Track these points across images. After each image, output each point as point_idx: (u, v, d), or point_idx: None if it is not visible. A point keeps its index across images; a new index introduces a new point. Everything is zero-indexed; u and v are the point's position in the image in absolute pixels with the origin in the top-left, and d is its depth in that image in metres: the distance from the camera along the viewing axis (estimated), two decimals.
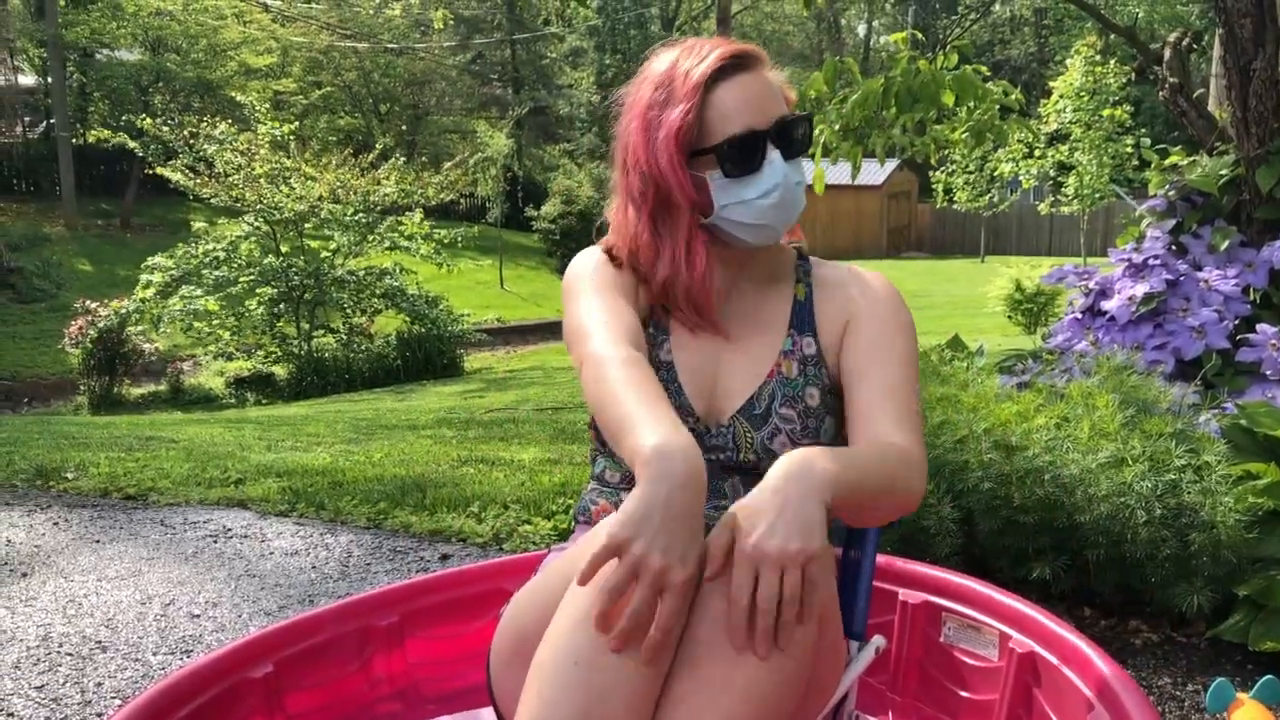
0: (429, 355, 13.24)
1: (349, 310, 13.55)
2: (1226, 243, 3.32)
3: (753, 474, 1.45)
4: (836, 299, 1.53)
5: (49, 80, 24.72)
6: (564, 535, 3.15)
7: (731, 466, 1.47)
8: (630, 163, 1.50)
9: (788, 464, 1.18)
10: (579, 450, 4.65)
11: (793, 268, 1.57)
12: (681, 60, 1.45)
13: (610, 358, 1.32)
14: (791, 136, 1.43)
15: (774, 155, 1.41)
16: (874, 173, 26.87)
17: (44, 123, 26.81)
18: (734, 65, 1.43)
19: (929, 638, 1.86)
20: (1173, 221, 3.54)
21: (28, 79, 28.22)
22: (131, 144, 13.71)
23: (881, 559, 1.90)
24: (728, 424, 1.46)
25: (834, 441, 1.50)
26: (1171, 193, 3.57)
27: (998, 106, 3.65)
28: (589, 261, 1.54)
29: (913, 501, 1.33)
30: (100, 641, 2.44)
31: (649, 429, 1.18)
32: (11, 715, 2.04)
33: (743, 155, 1.41)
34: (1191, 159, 3.61)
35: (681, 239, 1.46)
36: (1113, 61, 17.32)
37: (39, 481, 4.20)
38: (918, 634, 1.87)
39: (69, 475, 4.24)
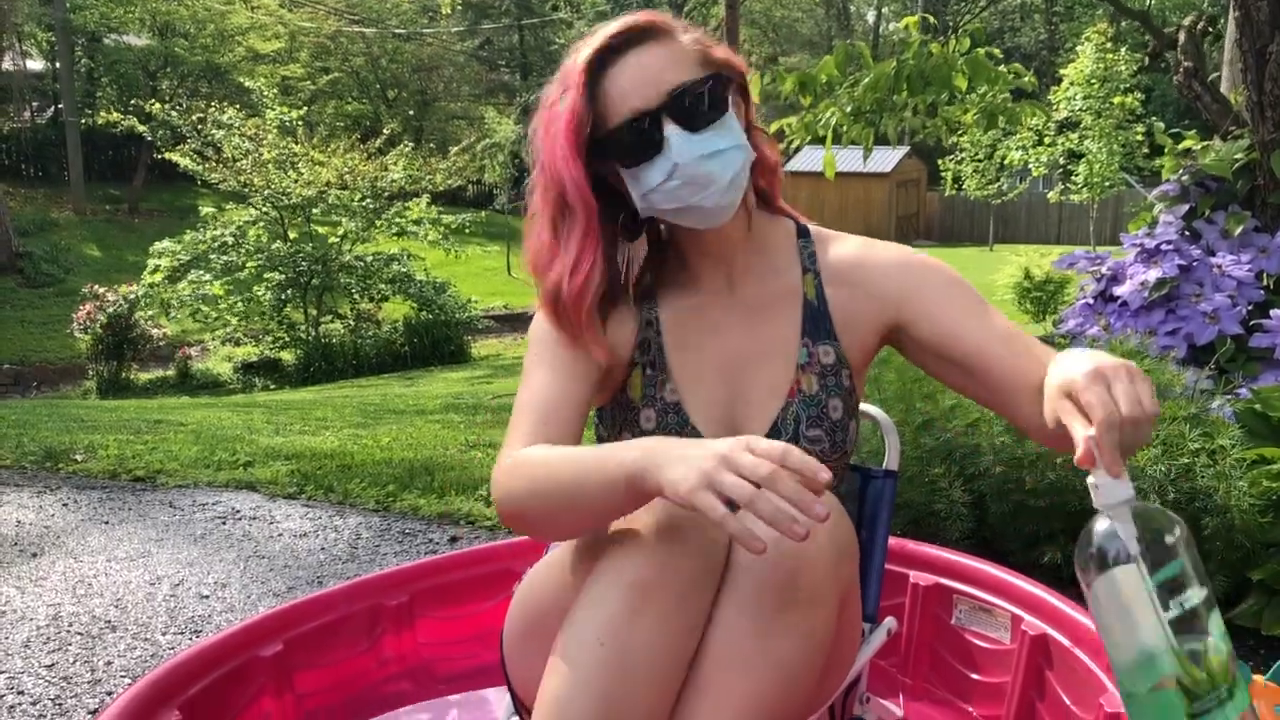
0: (436, 341, 13.26)
1: (356, 296, 13.56)
2: (1240, 228, 3.29)
3: None
4: (859, 298, 1.39)
5: (57, 65, 24.73)
6: None
7: None
8: (536, 162, 1.34)
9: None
10: (586, 437, 4.64)
11: (795, 253, 1.42)
12: (577, 47, 1.32)
13: (521, 458, 1.22)
14: (694, 105, 1.25)
15: (671, 131, 1.24)
16: (882, 160, 26.78)
17: (52, 108, 26.82)
18: (625, 42, 1.28)
19: (940, 620, 1.85)
20: (1186, 207, 3.52)
21: (36, 64, 28.20)
22: (140, 128, 13.71)
23: (893, 541, 1.89)
24: None
25: (854, 444, 1.44)
26: (1185, 178, 3.54)
27: (1010, 89, 3.63)
28: (537, 328, 1.39)
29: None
30: (110, 621, 2.44)
31: (614, 451, 1.10)
32: (22, 693, 2.05)
33: (634, 141, 1.26)
34: (1205, 144, 3.59)
35: (574, 243, 1.30)
36: (1124, 49, 17.23)
37: (48, 463, 4.21)
38: (929, 616, 1.86)
39: (78, 457, 4.24)
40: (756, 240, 1.41)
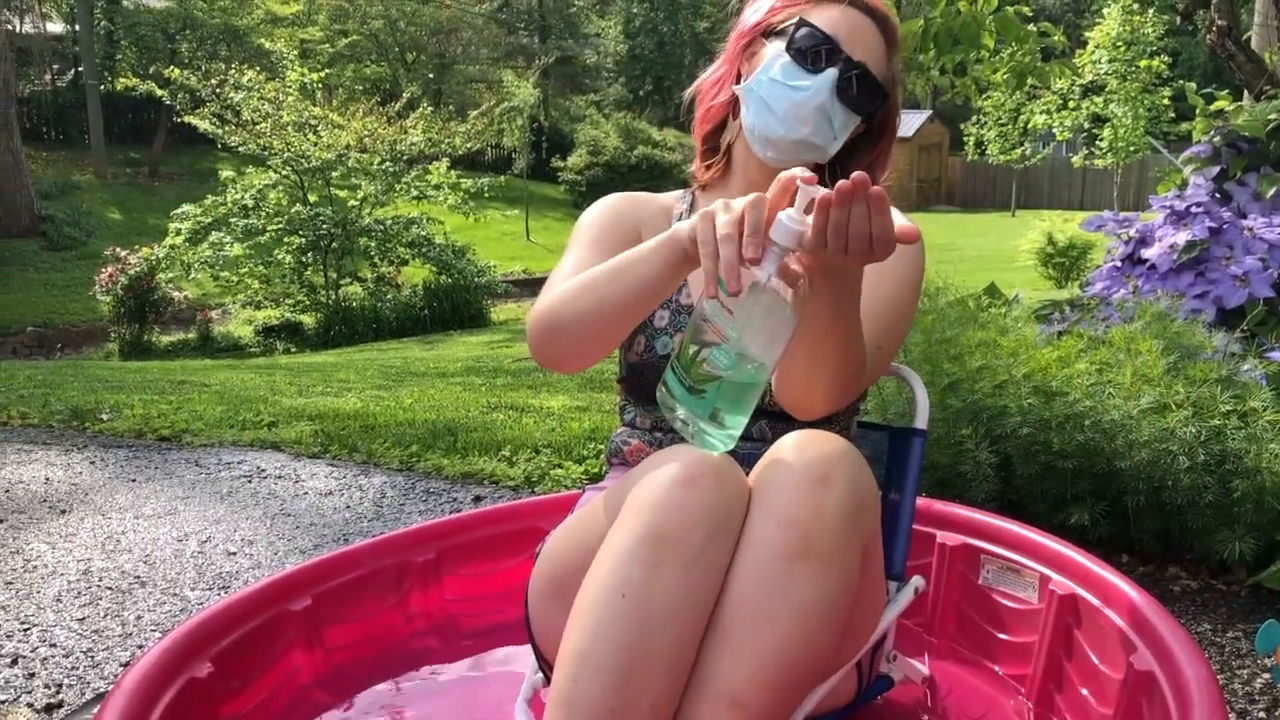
0: (456, 305, 13.28)
1: (376, 260, 13.57)
2: (1273, 190, 3.25)
3: (780, 418, 1.44)
4: None
5: (77, 28, 24.71)
6: (595, 478, 3.15)
7: (758, 410, 1.46)
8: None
9: None
10: (607, 398, 4.65)
11: None
12: None
13: (561, 280, 1.39)
14: (856, 83, 1.40)
15: (826, 69, 1.40)
16: (904, 124, 26.46)
17: (72, 71, 26.84)
18: (868, 10, 1.44)
19: (967, 580, 1.85)
20: (1217, 168, 3.47)
21: (55, 27, 28.20)
22: (159, 92, 13.70)
23: (920, 501, 1.88)
24: None
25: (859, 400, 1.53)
26: (1216, 138, 3.49)
27: (1039, 49, 3.58)
28: (592, 212, 1.58)
29: (807, 401, 1.31)
30: (139, 576, 2.47)
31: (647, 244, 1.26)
32: (54, 645, 2.07)
33: (806, 41, 1.41)
34: (1238, 104, 3.53)
35: (727, 77, 1.52)
36: (1151, 11, 16.98)
37: (75, 423, 4.25)
38: (956, 576, 1.86)
39: (104, 417, 4.28)
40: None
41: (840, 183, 1.05)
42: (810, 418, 1.34)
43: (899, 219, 1.10)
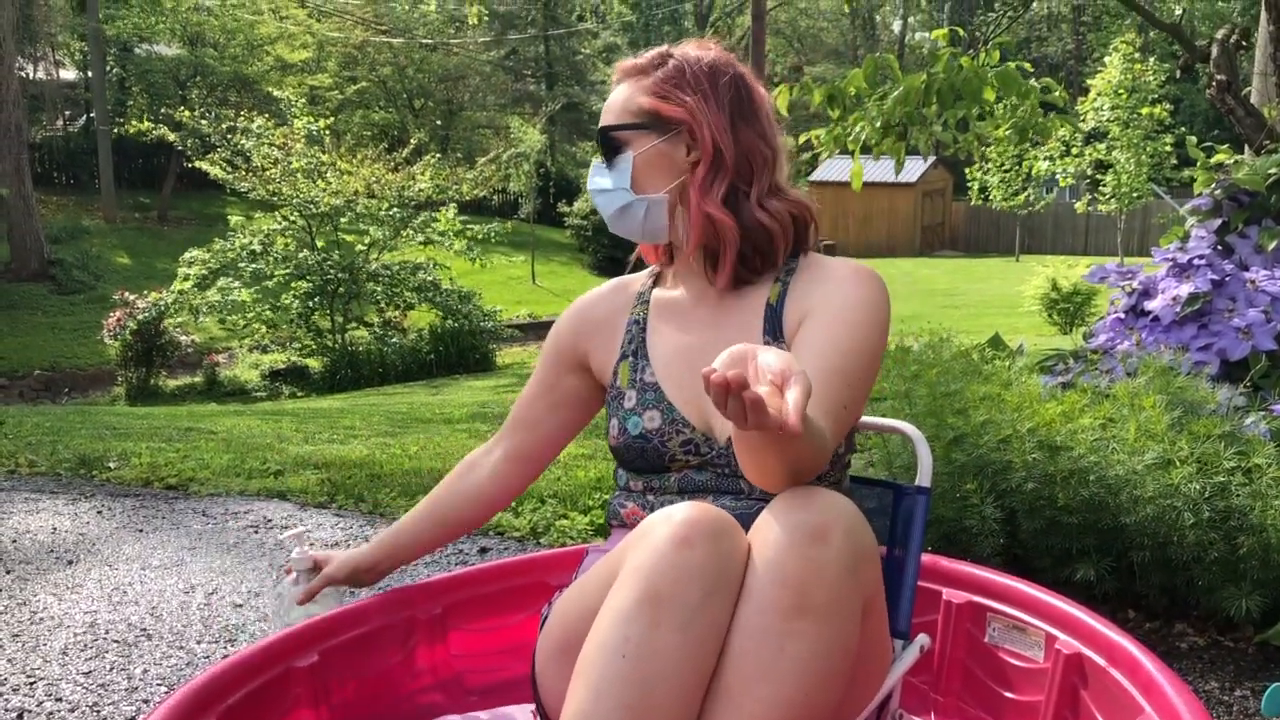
0: (461, 350, 13.32)
1: (383, 304, 13.64)
2: (1275, 243, 3.27)
3: None
4: (798, 295, 1.49)
5: (89, 74, 25.04)
6: (600, 530, 3.15)
7: (736, 474, 1.47)
8: None
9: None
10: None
11: (778, 270, 1.52)
12: None
13: (518, 405, 1.73)
14: (604, 143, 1.53)
15: (595, 159, 1.55)
16: (908, 170, 26.75)
17: (84, 116, 27.16)
18: (621, 76, 1.56)
19: (973, 638, 1.85)
20: (1219, 221, 3.50)
21: (69, 73, 28.60)
22: (170, 136, 13.85)
23: (926, 558, 1.89)
24: (726, 445, 1.45)
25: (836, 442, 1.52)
26: (1218, 191, 3.52)
27: (1040, 103, 3.62)
28: (553, 329, 1.72)
29: (802, 478, 1.27)
30: (145, 629, 2.47)
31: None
32: (60, 700, 2.07)
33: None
34: (1238, 157, 3.57)
35: None
36: (1152, 59, 17.14)
37: (82, 471, 4.26)
38: (962, 634, 1.86)
39: (111, 465, 4.29)
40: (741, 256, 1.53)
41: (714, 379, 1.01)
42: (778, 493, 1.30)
43: (795, 399, 1.03)
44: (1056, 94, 3.57)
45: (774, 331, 1.48)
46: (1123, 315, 3.45)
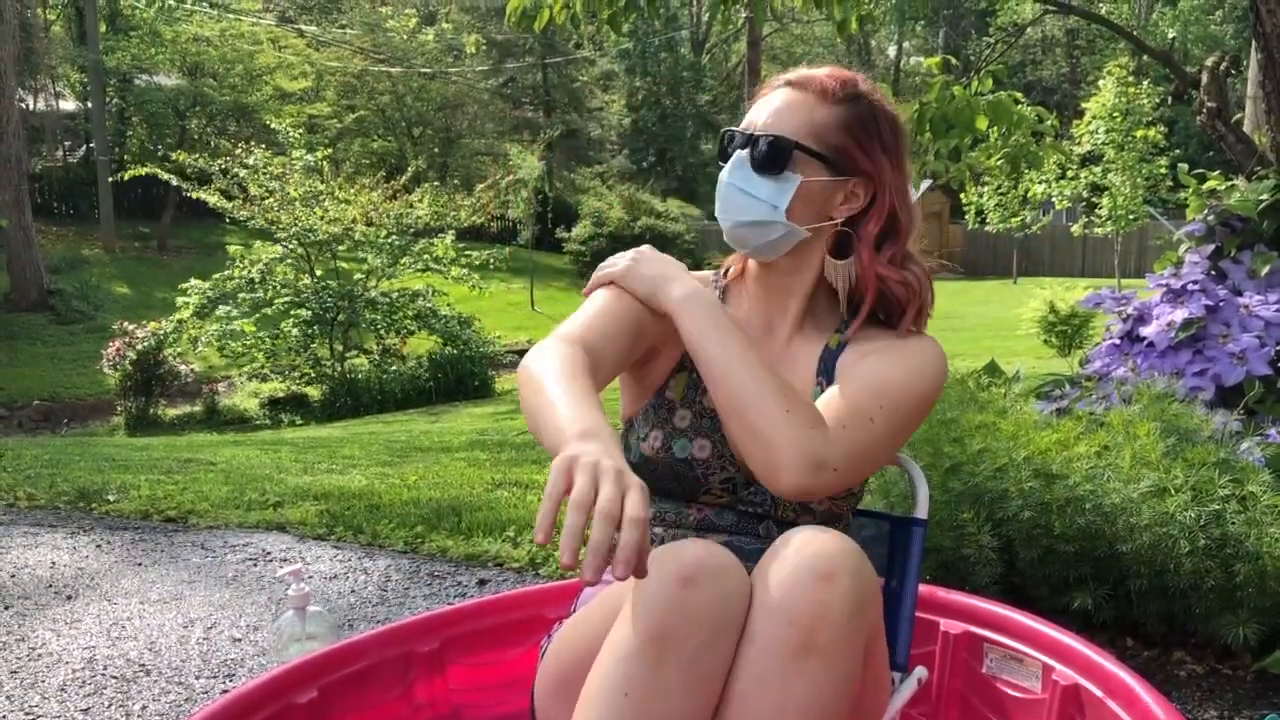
0: (461, 376, 13.31)
1: (382, 331, 13.65)
2: (1267, 268, 3.29)
3: (786, 523, 1.46)
4: (861, 349, 1.48)
5: (89, 105, 25.15)
6: None
7: (765, 515, 1.48)
8: None
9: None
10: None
11: (837, 320, 1.52)
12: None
13: (536, 361, 1.34)
14: (764, 147, 1.43)
15: (737, 152, 1.46)
16: None
17: (83, 147, 27.27)
18: (788, 84, 1.49)
19: (971, 668, 1.85)
20: (1212, 247, 3.52)
21: (68, 104, 28.73)
22: (165, 176, 13.89)
23: (923, 589, 1.89)
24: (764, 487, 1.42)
25: (862, 485, 1.55)
26: (1210, 217, 3.54)
27: (1032, 131, 3.64)
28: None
29: (769, 466, 1.29)
30: (144, 665, 2.47)
31: (563, 422, 1.17)
32: None
33: (725, 142, 1.50)
34: (1230, 183, 3.59)
35: None
36: (1146, 82, 17.25)
37: (81, 503, 4.26)
38: (959, 665, 1.86)
39: (110, 498, 4.29)
40: (818, 303, 1.52)
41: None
42: (789, 489, 1.31)
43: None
44: (1048, 123, 3.60)
45: (828, 375, 1.47)
46: (1118, 341, 3.46)
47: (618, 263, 1.51)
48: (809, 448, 1.29)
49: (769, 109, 1.46)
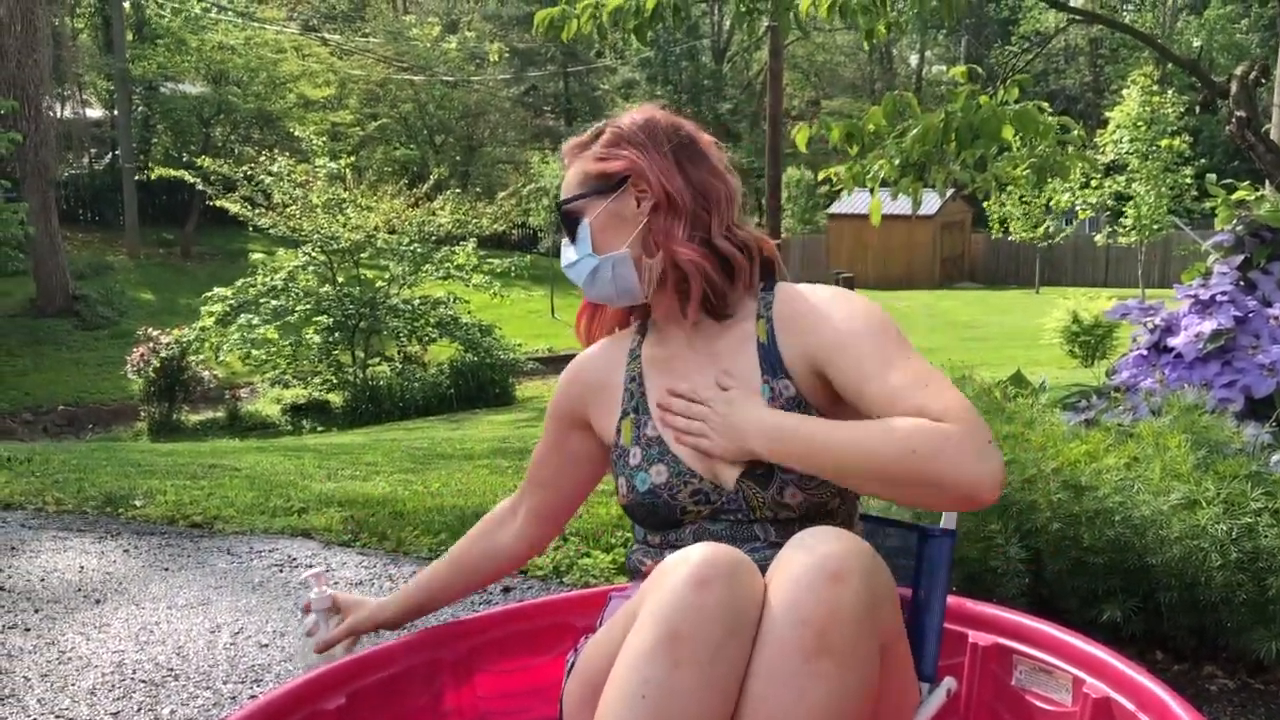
0: (481, 384, 13.36)
1: (403, 339, 13.71)
2: None
3: (775, 521, 1.46)
4: (790, 331, 1.48)
5: (115, 113, 25.41)
6: (623, 569, 3.15)
7: (750, 521, 1.48)
8: None
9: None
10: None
11: (754, 304, 1.53)
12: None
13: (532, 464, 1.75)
14: (563, 222, 1.57)
15: (562, 237, 1.60)
16: (927, 202, 26.73)
17: (109, 154, 27.55)
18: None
19: (1000, 681, 1.84)
20: (1241, 257, 3.49)
21: (94, 112, 29.03)
22: (190, 179, 14.01)
23: (951, 600, 1.88)
24: (735, 491, 1.46)
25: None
26: (1239, 228, 3.52)
27: (1059, 141, 3.63)
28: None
29: (959, 477, 1.26)
30: (172, 669, 2.49)
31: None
32: None
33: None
34: (1259, 194, 3.57)
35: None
36: (1170, 91, 17.15)
37: (108, 508, 4.29)
38: (988, 677, 1.85)
39: (137, 503, 4.32)
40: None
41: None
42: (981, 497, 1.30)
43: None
44: (1074, 133, 3.58)
45: (773, 370, 1.47)
46: (1145, 352, 3.44)
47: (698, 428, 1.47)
48: (959, 443, 1.28)
49: (561, 190, 1.60)
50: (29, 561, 3.47)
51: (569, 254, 1.56)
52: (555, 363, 17.39)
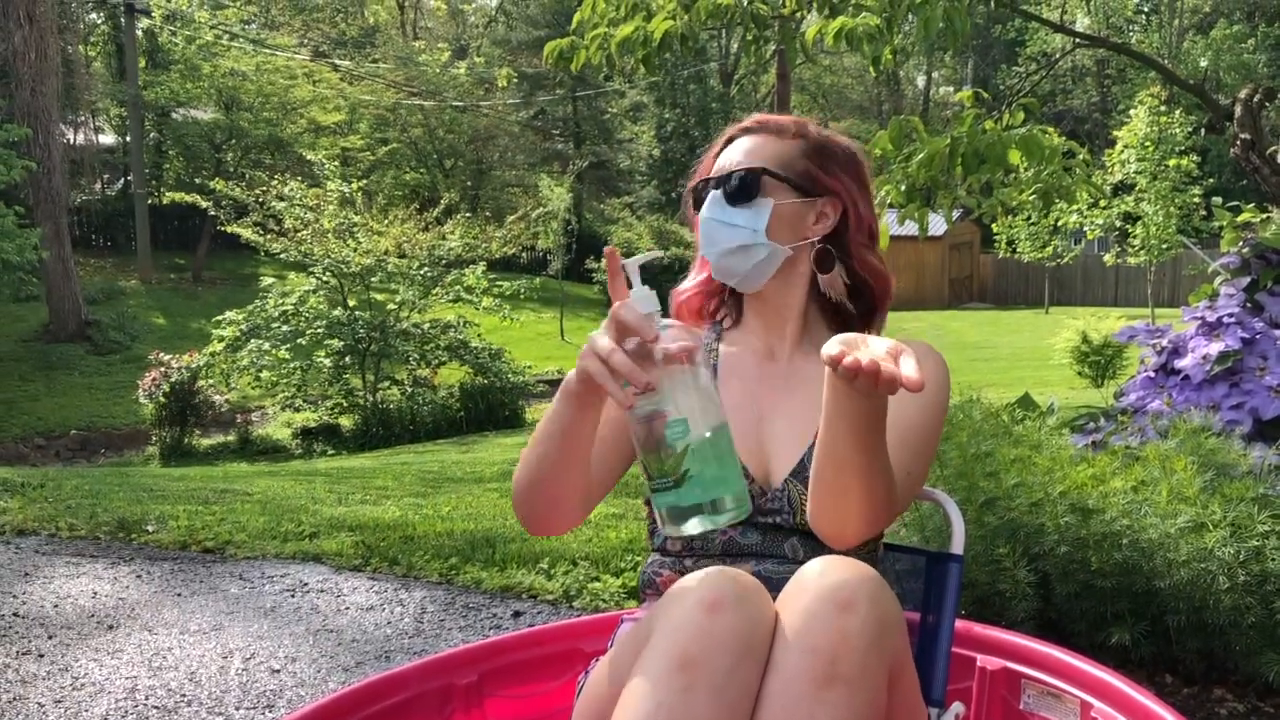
0: (491, 406, 13.37)
1: (414, 362, 13.74)
2: None
3: (810, 536, 1.48)
4: None
5: (128, 139, 25.59)
6: (633, 593, 3.16)
7: (790, 529, 1.50)
8: None
9: None
10: (643, 505, 4.67)
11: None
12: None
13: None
14: (733, 182, 1.55)
15: (711, 193, 1.57)
16: (936, 223, 26.75)
17: (121, 180, 27.73)
18: (743, 131, 1.63)
19: (1008, 705, 1.84)
20: (1247, 279, 3.50)
21: (107, 138, 29.26)
22: (204, 203, 14.10)
23: (959, 624, 1.89)
24: (781, 488, 1.48)
25: None
26: (1246, 249, 3.53)
27: (1064, 167, 3.64)
28: None
29: (853, 534, 1.36)
30: (185, 695, 2.50)
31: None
32: None
33: (699, 192, 1.61)
34: (1265, 215, 3.58)
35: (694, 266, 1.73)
36: (1178, 111, 17.15)
37: (121, 534, 4.31)
38: (997, 701, 1.86)
39: (149, 528, 4.35)
40: (812, 322, 1.62)
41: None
42: (844, 545, 1.39)
43: (910, 365, 1.16)
44: (1080, 157, 3.60)
45: None
46: (1153, 374, 3.44)
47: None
48: (879, 516, 1.36)
49: (733, 153, 1.59)
50: (42, 587, 3.49)
51: (731, 215, 1.55)
52: None
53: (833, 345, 1.18)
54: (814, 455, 1.35)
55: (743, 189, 1.55)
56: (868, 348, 1.19)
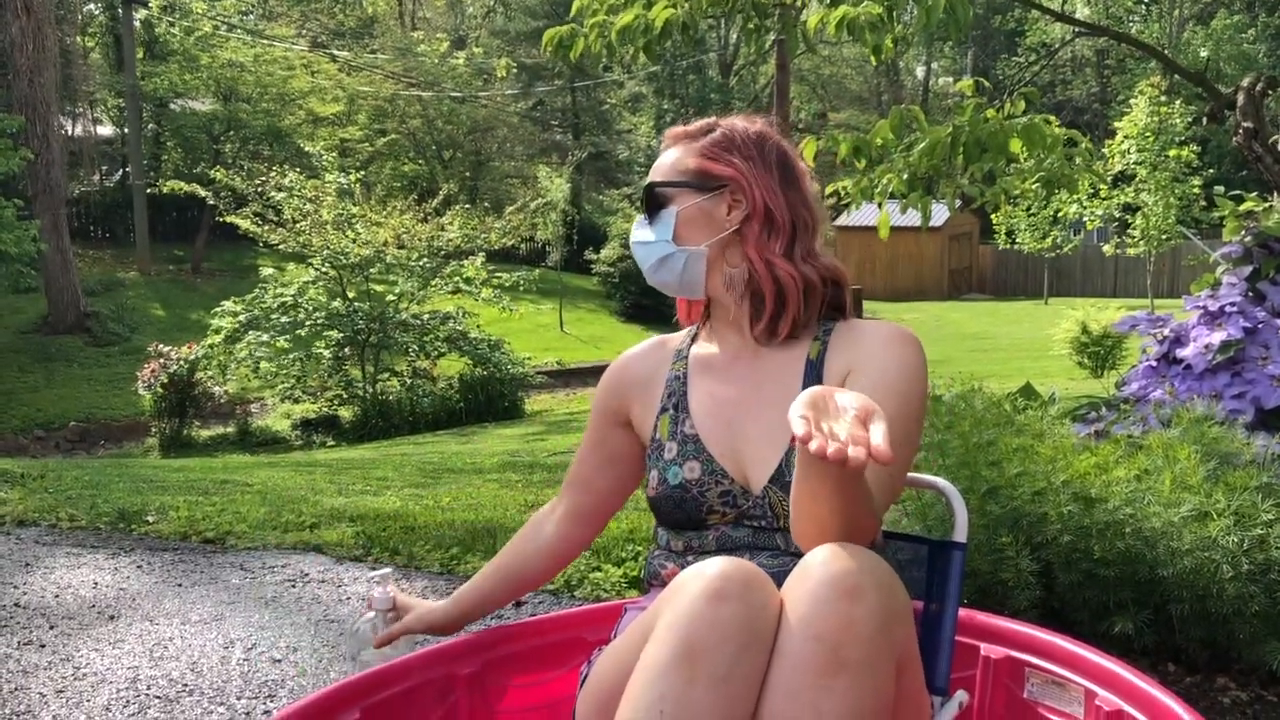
0: (490, 397, 13.38)
1: (413, 353, 13.74)
2: None
3: None
4: (841, 352, 1.55)
5: (126, 131, 25.55)
6: (634, 582, 3.16)
7: (775, 529, 1.49)
8: None
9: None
10: (643, 495, 4.66)
11: (815, 330, 1.59)
12: None
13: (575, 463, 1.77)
14: (647, 199, 1.62)
15: (638, 215, 1.64)
16: (935, 214, 26.74)
17: (120, 171, 27.68)
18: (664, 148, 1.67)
19: (1012, 694, 1.84)
20: (1249, 268, 3.50)
21: (105, 129, 29.20)
22: (203, 193, 14.08)
23: (963, 613, 1.88)
24: (761, 494, 1.49)
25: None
26: (1247, 239, 3.52)
27: (1066, 156, 3.64)
28: (599, 386, 1.77)
29: (854, 540, 1.32)
30: (186, 685, 2.50)
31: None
32: None
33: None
34: (1268, 205, 3.57)
35: None
36: (1178, 101, 17.14)
37: (121, 524, 4.31)
38: (1001, 690, 1.85)
39: (150, 519, 4.34)
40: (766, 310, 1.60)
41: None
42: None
43: (879, 433, 1.12)
44: (1082, 146, 3.59)
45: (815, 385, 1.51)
46: (1154, 363, 3.44)
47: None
48: (863, 532, 1.35)
49: (654, 169, 1.64)
50: (43, 578, 3.49)
51: (644, 233, 1.61)
52: (564, 376, 17.43)
53: (798, 417, 1.13)
54: (792, 489, 1.33)
55: (649, 205, 1.61)
56: (837, 415, 1.16)
